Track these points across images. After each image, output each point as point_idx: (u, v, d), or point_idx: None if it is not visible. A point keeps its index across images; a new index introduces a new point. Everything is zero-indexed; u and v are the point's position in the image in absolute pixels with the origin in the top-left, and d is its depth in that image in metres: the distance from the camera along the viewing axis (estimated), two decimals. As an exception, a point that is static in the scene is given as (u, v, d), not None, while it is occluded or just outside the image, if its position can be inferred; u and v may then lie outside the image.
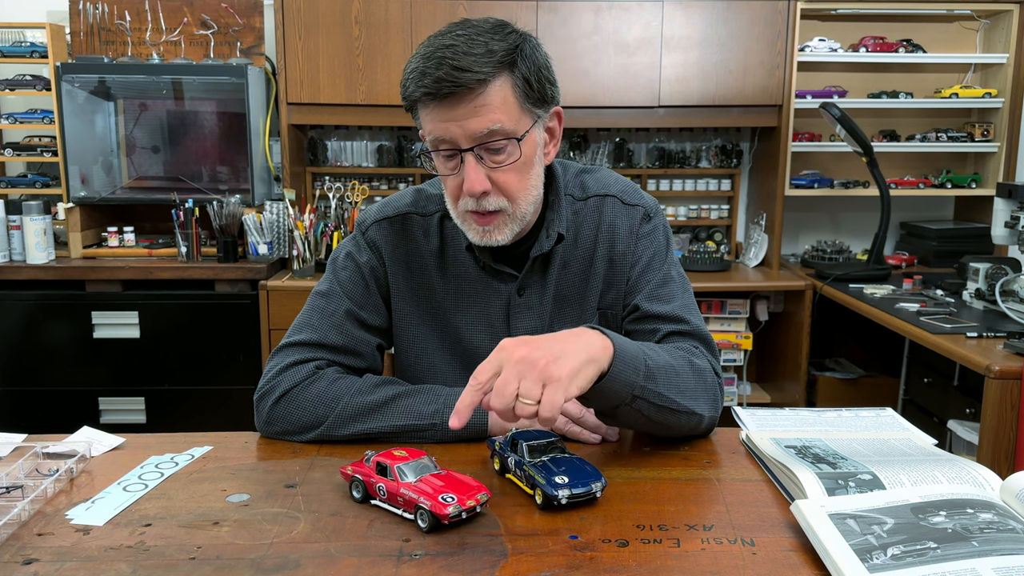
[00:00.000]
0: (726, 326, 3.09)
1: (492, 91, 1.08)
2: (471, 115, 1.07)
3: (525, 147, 1.12)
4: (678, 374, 1.08)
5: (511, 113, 1.10)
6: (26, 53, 2.95)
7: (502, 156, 1.11)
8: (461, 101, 1.07)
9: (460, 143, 1.10)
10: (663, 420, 1.07)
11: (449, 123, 1.08)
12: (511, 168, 1.12)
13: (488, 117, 1.08)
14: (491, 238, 1.16)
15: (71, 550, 0.83)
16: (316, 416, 1.13)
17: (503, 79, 1.09)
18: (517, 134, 1.11)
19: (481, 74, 1.06)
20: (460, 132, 1.08)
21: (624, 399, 1.01)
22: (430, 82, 1.06)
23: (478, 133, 1.08)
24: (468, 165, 1.10)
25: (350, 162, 3.32)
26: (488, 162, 1.11)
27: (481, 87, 1.07)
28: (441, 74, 1.05)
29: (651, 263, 1.25)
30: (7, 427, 1.55)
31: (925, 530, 0.78)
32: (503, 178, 1.12)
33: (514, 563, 0.80)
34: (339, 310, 1.23)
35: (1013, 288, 2.30)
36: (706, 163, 3.36)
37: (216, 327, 2.81)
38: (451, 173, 1.13)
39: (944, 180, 3.25)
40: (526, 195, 1.16)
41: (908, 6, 3.11)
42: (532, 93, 1.12)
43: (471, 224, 1.16)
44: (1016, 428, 1.89)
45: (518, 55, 1.10)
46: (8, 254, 2.82)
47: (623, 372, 0.99)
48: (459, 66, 1.05)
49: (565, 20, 2.93)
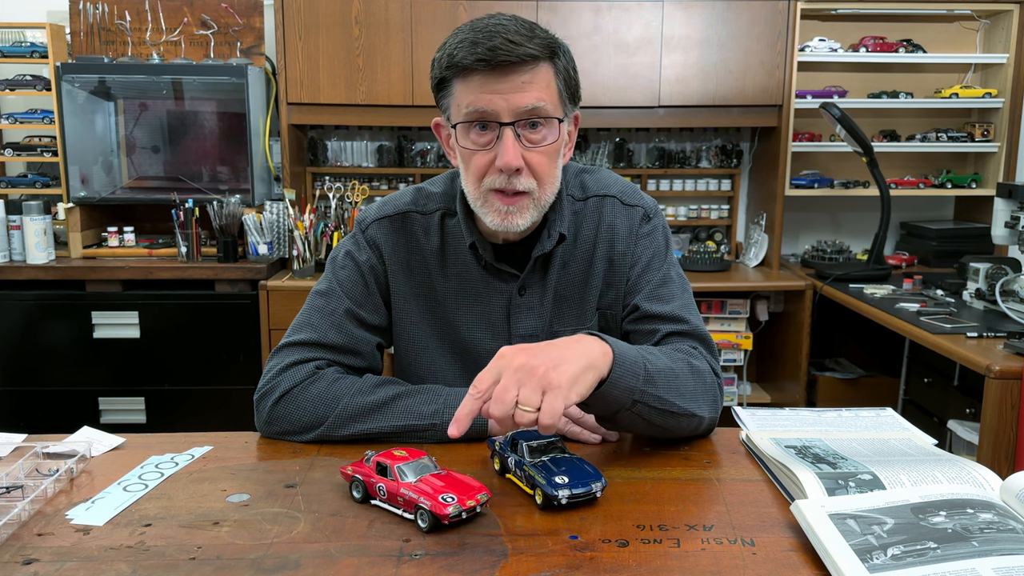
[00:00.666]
0: (726, 326, 3.09)
1: (540, 72, 1.11)
2: (518, 89, 1.10)
3: (560, 133, 1.15)
4: (677, 377, 1.08)
5: (552, 97, 1.13)
6: (26, 53, 2.95)
7: (540, 135, 1.13)
8: (510, 73, 1.09)
9: (501, 116, 1.11)
10: (663, 423, 1.07)
11: (494, 95, 1.10)
12: (544, 150, 1.14)
13: (534, 94, 1.10)
14: (512, 221, 1.16)
15: (71, 550, 0.83)
16: (316, 416, 1.13)
17: (549, 65, 1.13)
18: (558, 116, 1.14)
19: (534, 51, 1.10)
20: (504, 105, 1.10)
21: (624, 404, 1.01)
22: (484, 50, 1.08)
23: (522, 108, 1.10)
24: (506, 139, 1.11)
25: (350, 162, 3.32)
26: (524, 140, 1.12)
27: (532, 64, 1.10)
28: (497, 43, 1.08)
29: (651, 263, 1.25)
30: (7, 427, 1.55)
31: (925, 530, 0.78)
32: (536, 159, 1.13)
33: (514, 563, 0.80)
34: (339, 309, 1.23)
35: (1013, 288, 2.30)
36: (706, 163, 3.36)
37: (216, 327, 2.81)
38: (481, 148, 1.13)
39: (944, 180, 3.25)
40: (553, 182, 1.17)
41: (908, 6, 3.11)
42: (568, 88, 1.16)
43: (494, 204, 1.16)
44: (1016, 428, 1.89)
45: (559, 49, 1.14)
46: (8, 254, 2.82)
47: (623, 377, 0.99)
48: (514, 40, 1.08)
49: (565, 20, 2.93)
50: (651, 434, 1.12)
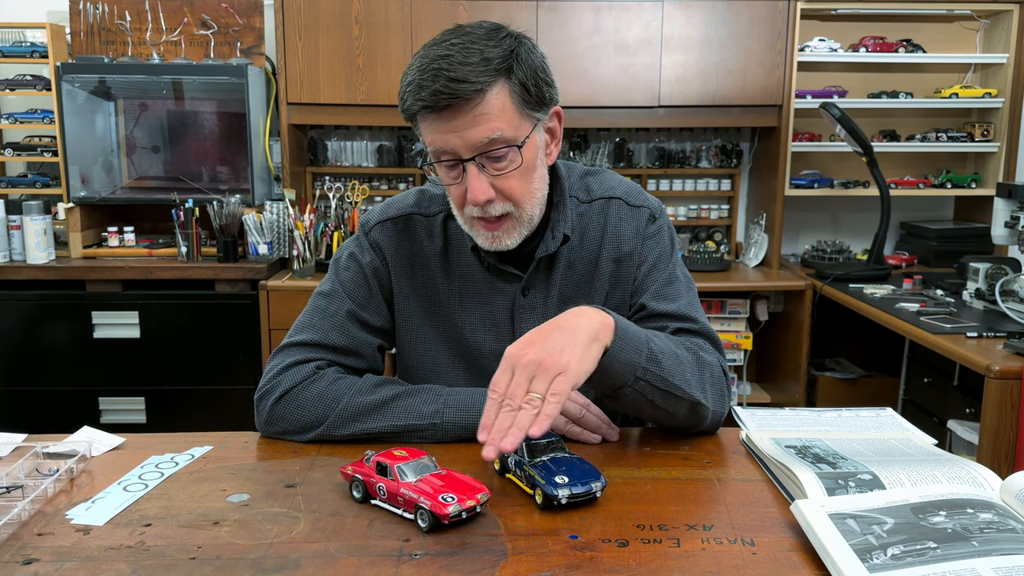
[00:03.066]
0: (726, 326, 3.09)
1: (490, 100, 1.07)
2: (470, 125, 1.07)
3: (526, 152, 1.12)
4: (682, 362, 1.09)
5: (510, 120, 1.10)
6: (26, 53, 2.95)
7: (504, 163, 1.11)
8: (459, 112, 1.07)
9: (461, 153, 1.10)
10: (667, 406, 1.08)
11: (449, 134, 1.08)
12: (514, 174, 1.12)
13: (487, 126, 1.07)
14: (500, 243, 1.17)
15: (71, 550, 0.83)
16: (316, 416, 1.13)
17: (500, 86, 1.08)
18: (517, 141, 1.11)
19: (478, 84, 1.06)
20: (460, 143, 1.08)
21: (627, 380, 1.02)
22: (427, 95, 1.06)
23: (478, 143, 1.08)
24: (471, 174, 1.10)
25: (350, 162, 3.32)
26: (490, 170, 1.11)
27: (478, 97, 1.06)
28: (438, 87, 1.05)
29: (657, 263, 1.26)
30: (7, 427, 1.55)
31: (925, 530, 0.78)
32: (506, 184, 1.12)
33: (514, 563, 0.80)
34: (341, 311, 1.23)
35: (1013, 288, 2.30)
36: (706, 163, 3.36)
37: (216, 327, 2.81)
38: (454, 182, 1.14)
39: (944, 180, 3.25)
40: (531, 198, 1.16)
41: (908, 6, 3.11)
42: (530, 97, 1.11)
43: (480, 231, 1.17)
44: (1016, 428, 1.89)
45: (514, 60, 1.10)
46: (8, 254, 2.82)
47: (624, 351, 1.01)
48: (455, 77, 1.05)
49: (565, 20, 2.93)
50: (656, 420, 1.13)
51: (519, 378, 0.91)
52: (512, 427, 0.88)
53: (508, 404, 0.90)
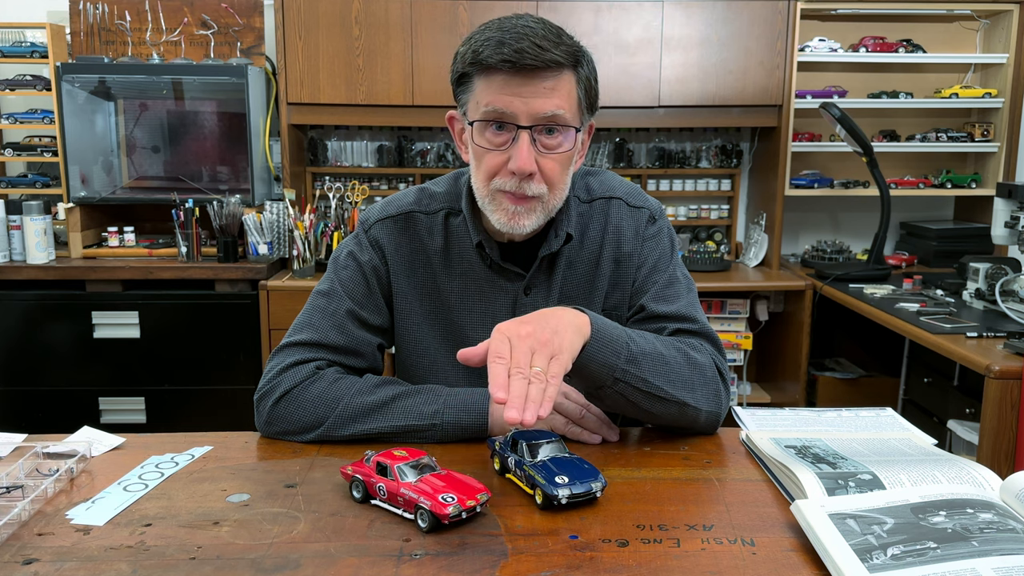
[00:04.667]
0: (726, 326, 3.09)
1: (563, 79, 1.11)
2: (539, 95, 1.09)
3: (575, 141, 1.15)
4: (667, 363, 1.09)
5: (572, 106, 1.13)
6: (26, 53, 2.95)
7: (555, 142, 1.13)
8: (534, 78, 1.09)
9: (520, 119, 1.10)
10: (651, 408, 1.08)
11: (515, 97, 1.10)
12: (558, 157, 1.14)
13: (554, 101, 1.10)
14: (518, 222, 1.16)
15: (71, 550, 0.83)
16: (316, 416, 1.13)
17: (572, 73, 1.13)
18: (575, 124, 1.14)
19: (560, 58, 1.10)
20: (524, 108, 1.10)
21: (605, 380, 1.03)
22: (510, 51, 1.07)
23: (541, 113, 1.10)
24: (522, 143, 1.11)
25: (350, 162, 3.32)
26: (540, 146, 1.12)
27: (555, 71, 1.10)
28: (524, 46, 1.07)
29: (657, 264, 1.26)
30: (7, 427, 1.55)
31: (925, 530, 0.78)
32: (549, 165, 1.13)
33: (514, 563, 0.80)
34: (340, 310, 1.23)
35: (1013, 288, 2.30)
36: (706, 163, 3.36)
37: (216, 327, 2.81)
38: (496, 148, 1.13)
39: (944, 180, 3.25)
40: (562, 188, 1.18)
41: (908, 6, 3.11)
42: (588, 97, 1.16)
43: (502, 203, 1.16)
44: (1016, 428, 1.89)
45: (583, 57, 1.15)
46: (8, 254, 2.82)
47: (600, 353, 1.01)
48: (542, 46, 1.08)
49: (565, 20, 2.93)
50: (645, 420, 1.13)
51: (522, 348, 0.90)
52: (529, 400, 0.86)
53: (519, 372, 0.88)
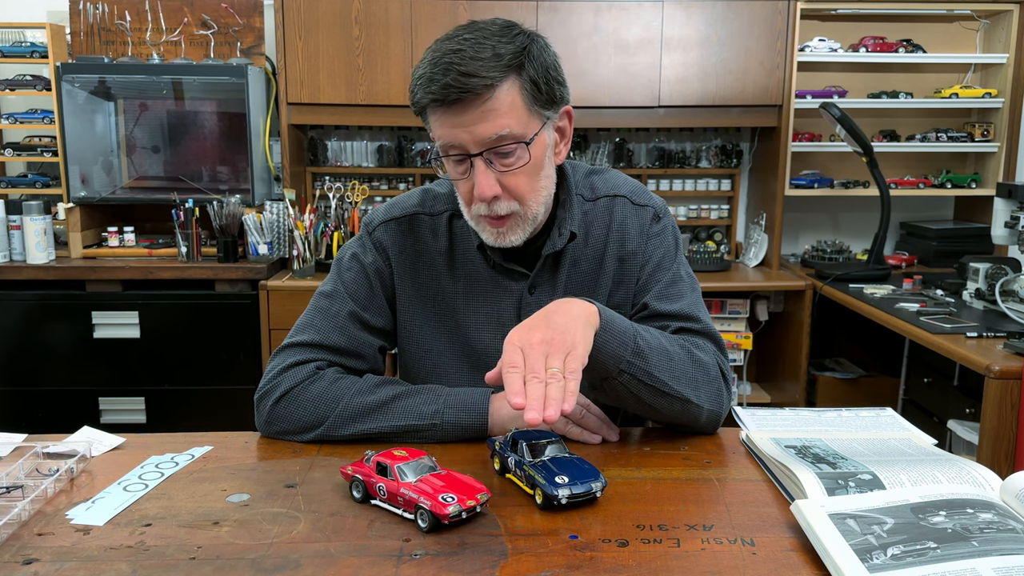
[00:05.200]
0: (726, 326, 3.09)
1: (500, 96, 1.08)
2: (479, 120, 1.07)
3: (534, 150, 1.12)
4: (672, 359, 1.09)
5: (519, 117, 1.10)
6: (26, 53, 2.95)
7: (511, 159, 1.11)
8: (469, 107, 1.07)
9: (469, 148, 1.10)
10: (654, 402, 1.08)
11: (457, 129, 1.08)
12: (521, 171, 1.12)
13: (496, 122, 1.08)
14: (505, 240, 1.17)
15: (71, 550, 0.83)
16: (316, 416, 1.13)
17: (510, 83, 1.08)
18: (526, 138, 1.11)
19: (488, 79, 1.06)
20: (469, 138, 1.09)
21: (611, 371, 1.03)
22: (437, 88, 1.06)
23: (487, 138, 1.08)
24: (478, 170, 1.10)
25: (350, 162, 3.32)
26: (498, 166, 1.11)
27: (488, 92, 1.07)
28: (448, 80, 1.05)
29: (661, 263, 1.26)
30: (7, 427, 1.55)
31: (925, 530, 0.78)
32: (513, 181, 1.12)
33: (514, 563, 0.80)
34: (342, 311, 1.23)
35: (1013, 288, 2.30)
36: (706, 163, 3.36)
37: (216, 327, 2.81)
38: (462, 177, 1.14)
39: (944, 180, 3.25)
40: (536, 197, 1.16)
41: (908, 6, 3.11)
42: (540, 95, 1.12)
43: (484, 228, 1.17)
44: (1016, 428, 1.89)
45: (525, 57, 1.10)
46: (8, 254, 2.82)
47: (608, 343, 1.02)
48: (466, 71, 1.05)
49: (565, 20, 2.93)
50: (646, 414, 1.13)
51: (535, 356, 0.91)
52: (549, 400, 0.87)
53: (535, 377, 0.89)
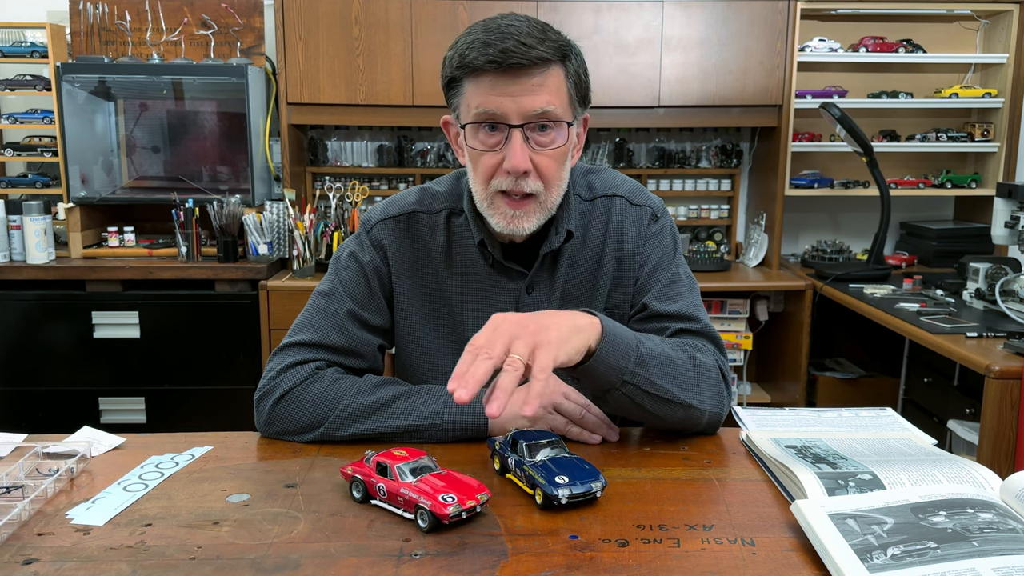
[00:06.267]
0: (726, 326, 3.09)
1: (551, 75, 1.11)
2: (528, 92, 1.10)
3: (568, 136, 1.15)
4: (675, 365, 1.08)
5: (562, 101, 1.13)
6: (26, 53, 2.95)
7: (548, 139, 1.13)
8: (521, 76, 1.09)
9: (511, 118, 1.11)
10: (657, 410, 1.08)
11: (504, 97, 1.10)
12: (552, 154, 1.14)
13: (544, 97, 1.10)
14: (518, 224, 1.16)
15: (71, 550, 0.83)
16: (316, 416, 1.13)
17: (560, 68, 1.13)
18: (567, 119, 1.14)
19: (546, 54, 1.09)
20: (514, 107, 1.10)
21: (614, 383, 1.03)
22: (496, 52, 1.07)
23: (532, 111, 1.10)
24: (515, 142, 1.11)
25: (350, 162, 3.32)
26: (533, 143, 1.12)
27: (543, 67, 1.10)
28: (509, 46, 1.07)
29: (659, 263, 1.26)
30: (7, 427, 1.55)
31: (925, 530, 0.78)
32: (544, 162, 1.14)
33: (514, 563, 0.80)
34: (341, 310, 1.23)
35: (1013, 288, 2.30)
36: (706, 163, 3.36)
37: (216, 327, 2.81)
38: (490, 149, 1.14)
39: (944, 180, 3.25)
40: (559, 184, 1.18)
41: (908, 6, 3.11)
42: (579, 90, 1.16)
43: (500, 207, 1.16)
44: (1016, 428, 1.89)
45: (570, 51, 1.14)
46: (8, 254, 2.82)
47: (611, 355, 1.01)
48: (526, 43, 1.08)
49: (565, 20, 2.93)
50: (647, 421, 1.13)
51: (499, 333, 0.91)
52: (497, 390, 0.86)
53: (486, 354, 0.88)
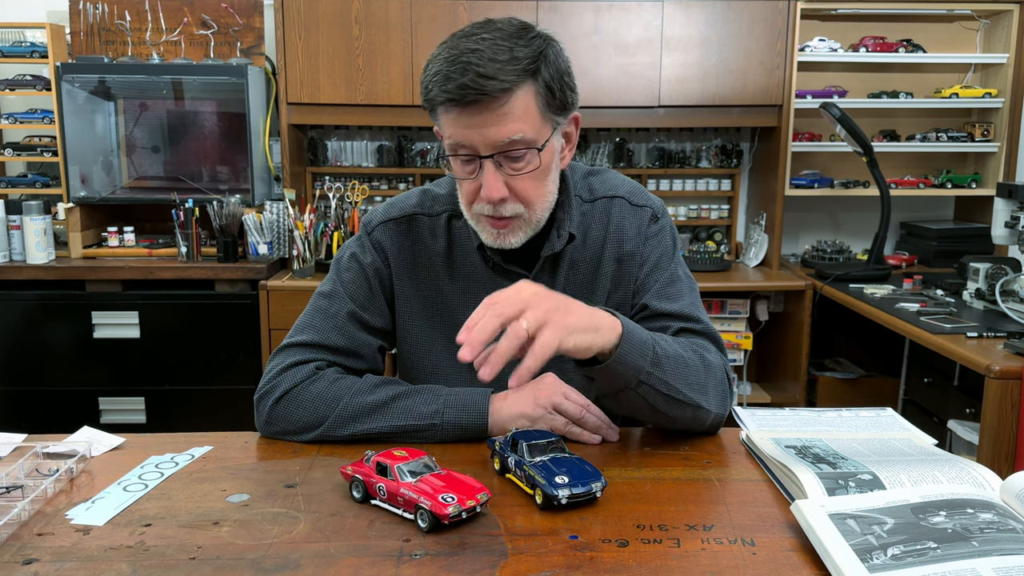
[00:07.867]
0: (726, 326, 3.09)
1: (515, 100, 1.07)
2: (493, 123, 1.07)
3: (544, 156, 1.12)
4: (687, 366, 1.09)
5: (532, 122, 1.09)
6: (26, 53, 2.95)
7: (521, 164, 1.11)
8: (483, 109, 1.06)
9: (480, 150, 1.09)
10: (667, 410, 1.08)
11: (470, 130, 1.08)
12: (529, 176, 1.12)
13: (509, 127, 1.07)
14: (505, 241, 1.17)
15: (71, 550, 0.83)
16: (316, 416, 1.13)
17: (526, 88, 1.08)
18: (537, 144, 1.10)
19: (505, 83, 1.05)
20: (480, 139, 1.08)
21: (629, 383, 1.03)
22: (454, 88, 1.05)
23: (499, 142, 1.08)
24: (487, 172, 1.10)
25: (350, 162, 3.32)
26: (507, 169, 1.11)
27: (505, 96, 1.06)
28: (466, 80, 1.04)
29: (659, 263, 1.26)
30: (7, 427, 1.55)
31: (925, 530, 0.78)
32: (521, 185, 1.12)
33: (514, 563, 0.80)
34: (341, 311, 1.23)
35: (1013, 288, 2.30)
36: (706, 163, 3.36)
37: (216, 327, 2.81)
38: (468, 177, 1.13)
39: (944, 180, 3.25)
40: (542, 201, 1.17)
41: (908, 6, 3.11)
42: (554, 101, 1.11)
43: (485, 227, 1.17)
44: (1016, 428, 1.89)
45: (542, 62, 1.09)
46: (8, 254, 2.82)
47: (629, 354, 1.01)
48: (484, 73, 1.04)
49: (565, 20, 2.93)
50: (656, 421, 1.13)
51: (518, 298, 0.93)
52: (493, 354, 0.89)
53: (496, 311, 0.91)
